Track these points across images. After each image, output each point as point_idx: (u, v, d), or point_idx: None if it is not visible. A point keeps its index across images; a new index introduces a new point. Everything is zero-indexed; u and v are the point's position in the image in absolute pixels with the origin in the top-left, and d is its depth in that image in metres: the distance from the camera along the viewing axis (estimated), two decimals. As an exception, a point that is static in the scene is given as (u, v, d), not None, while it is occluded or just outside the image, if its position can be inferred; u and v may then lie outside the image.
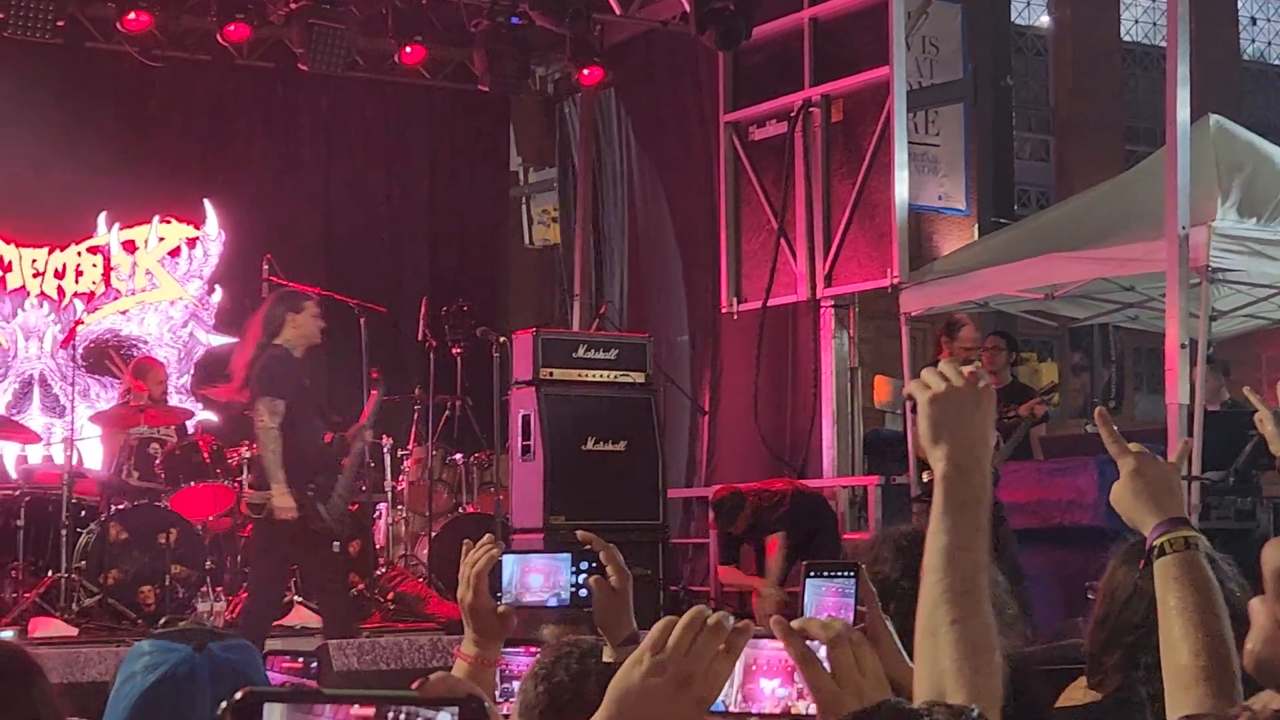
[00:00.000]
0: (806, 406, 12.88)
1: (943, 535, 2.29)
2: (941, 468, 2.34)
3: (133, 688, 2.44)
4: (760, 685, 2.12)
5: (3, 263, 13.45)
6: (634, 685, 1.98)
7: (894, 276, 12.11)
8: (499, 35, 13.24)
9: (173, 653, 2.45)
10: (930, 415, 2.37)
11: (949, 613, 2.24)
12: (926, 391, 2.40)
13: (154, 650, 2.47)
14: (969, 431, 2.36)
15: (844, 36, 12.79)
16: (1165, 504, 2.60)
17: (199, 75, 13.99)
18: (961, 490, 2.32)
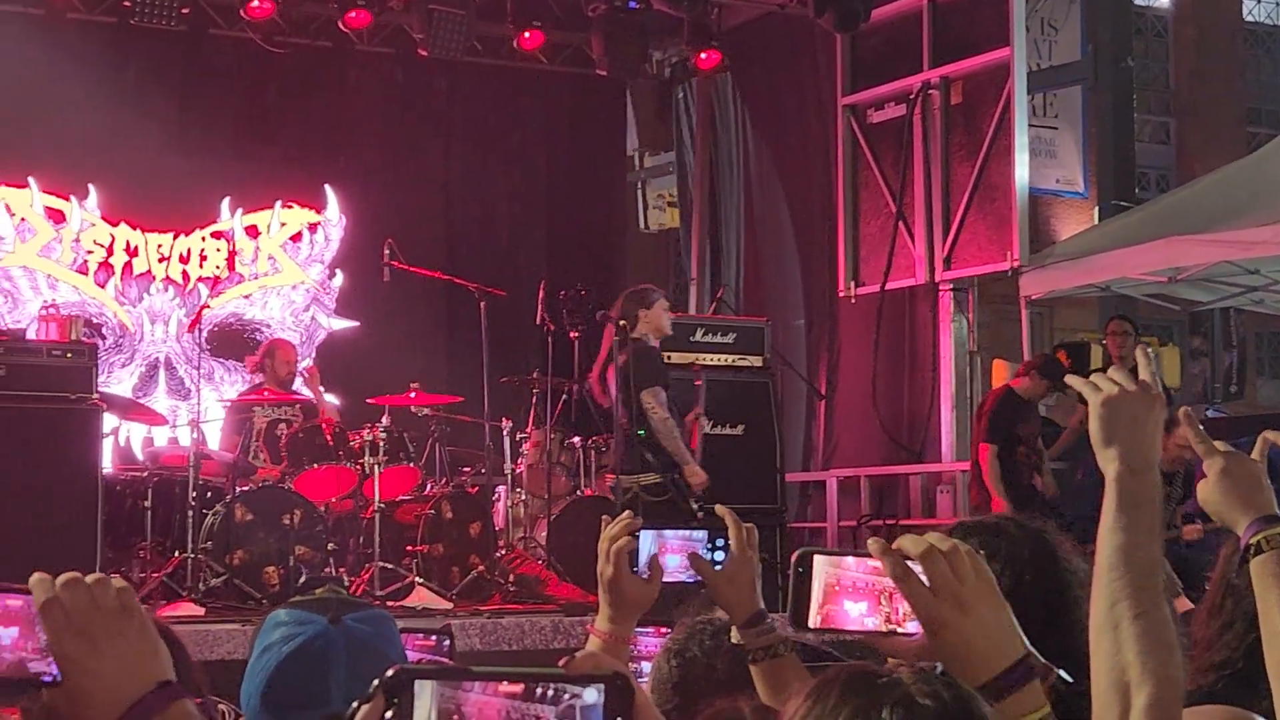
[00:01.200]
0: (925, 391, 12.83)
1: (1120, 533, 2.34)
2: (1114, 468, 2.39)
3: (269, 659, 2.47)
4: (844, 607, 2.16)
5: (129, 248, 13.65)
6: None
7: (1014, 260, 12.03)
8: (617, 19, 13.28)
9: (308, 624, 2.47)
10: (1102, 417, 2.43)
11: (1131, 608, 2.27)
12: (1098, 394, 2.45)
13: (290, 620, 2.50)
14: (1141, 434, 2.42)
15: (963, 18, 12.71)
16: (1256, 502, 2.61)
17: (320, 62, 14.11)
18: (1136, 490, 2.37)
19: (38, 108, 12.97)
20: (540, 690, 1.54)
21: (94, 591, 1.95)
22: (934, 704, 1.81)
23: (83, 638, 1.92)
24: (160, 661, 1.97)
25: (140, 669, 1.94)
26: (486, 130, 15.30)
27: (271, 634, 2.49)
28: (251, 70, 13.97)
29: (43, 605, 1.92)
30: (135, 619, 1.97)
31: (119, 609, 1.96)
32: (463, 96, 15.03)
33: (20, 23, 12.75)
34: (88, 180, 13.43)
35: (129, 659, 1.94)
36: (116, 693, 1.92)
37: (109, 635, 1.93)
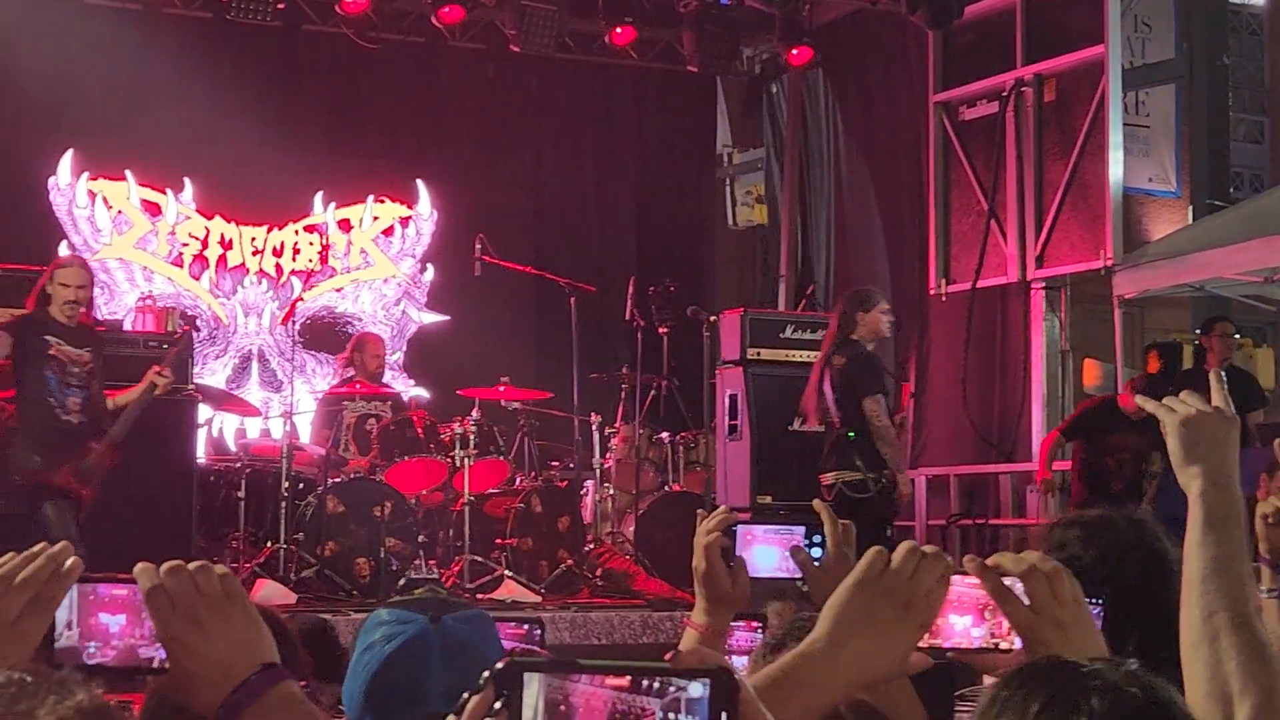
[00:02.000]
0: (1016, 389, 12.75)
1: (1210, 547, 2.37)
2: (1198, 485, 2.44)
3: (370, 658, 2.50)
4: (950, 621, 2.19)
5: (224, 241, 13.79)
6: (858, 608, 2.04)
7: (1107, 259, 11.94)
8: (708, 15, 13.28)
9: (408, 624, 2.50)
10: (1181, 437, 2.47)
11: (1230, 619, 2.30)
12: (1174, 415, 2.49)
13: (391, 619, 2.52)
14: (1220, 451, 2.46)
15: (1057, 14, 12.63)
16: None
17: (412, 57, 14.19)
18: (1221, 506, 2.41)
19: (135, 102, 13.13)
20: (646, 683, 1.55)
21: (197, 578, 1.98)
22: (1141, 693, 1.79)
23: (188, 623, 1.96)
24: (264, 644, 2.01)
25: (245, 651, 1.98)
26: (577, 126, 15.35)
27: (373, 633, 2.51)
28: (345, 65, 14.06)
29: (148, 593, 1.96)
30: (239, 603, 2.00)
31: (222, 594, 1.99)
32: (553, 92, 15.08)
33: (118, 17, 12.90)
34: (183, 174, 13.59)
35: (234, 642, 1.98)
36: (223, 675, 1.96)
37: (214, 620, 1.97)
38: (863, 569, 2.07)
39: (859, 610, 2.04)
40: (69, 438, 8.89)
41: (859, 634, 2.03)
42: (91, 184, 13.33)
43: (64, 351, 8.88)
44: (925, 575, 2.07)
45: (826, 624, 2.05)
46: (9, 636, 1.92)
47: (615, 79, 15.23)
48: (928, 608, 2.07)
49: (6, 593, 1.93)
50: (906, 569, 2.06)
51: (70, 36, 12.65)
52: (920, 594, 2.06)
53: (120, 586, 2.00)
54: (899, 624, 2.05)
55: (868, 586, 2.05)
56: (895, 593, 2.05)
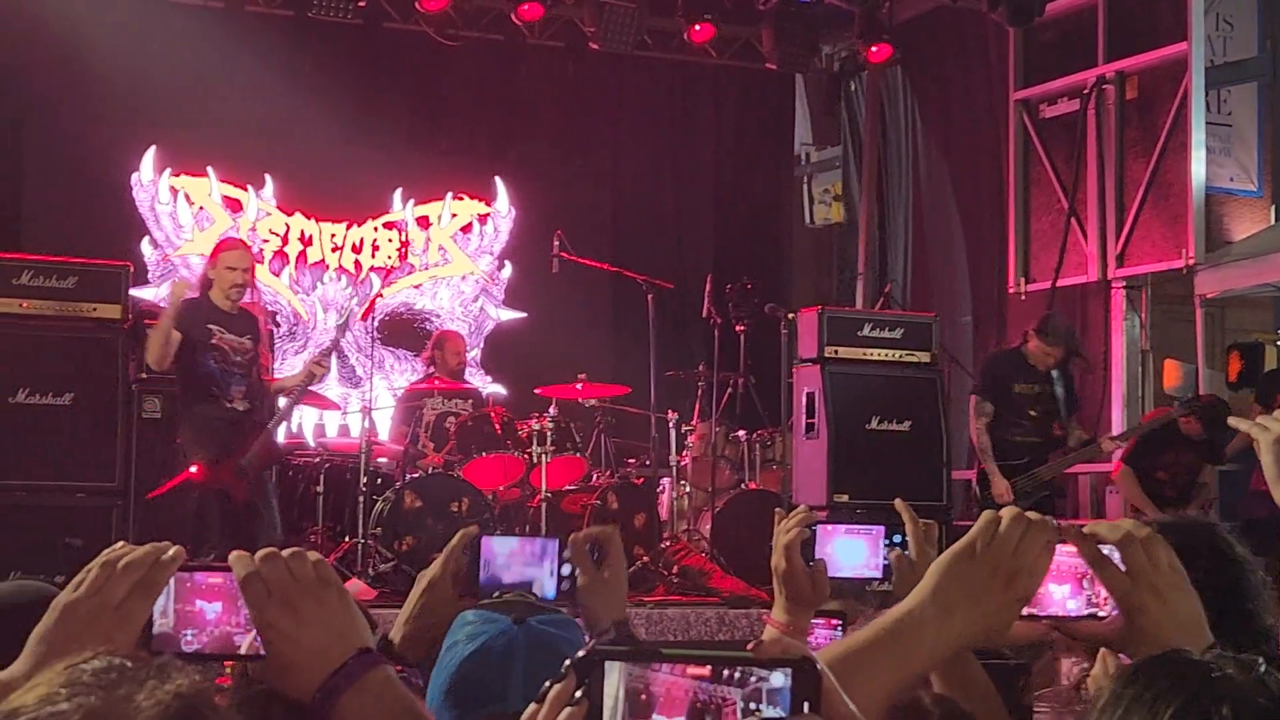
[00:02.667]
0: (1095, 390, 12.66)
1: None
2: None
3: (453, 656, 2.51)
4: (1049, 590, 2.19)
5: (303, 237, 13.89)
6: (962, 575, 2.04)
7: (1189, 258, 11.84)
8: (787, 13, 13.26)
9: (493, 623, 2.51)
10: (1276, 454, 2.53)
11: None
12: (1269, 434, 2.54)
13: (476, 620, 2.53)
14: None
15: (1140, 11, 12.54)
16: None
17: (492, 55, 14.22)
18: None
19: (217, 99, 13.23)
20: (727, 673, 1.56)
21: (291, 564, 2.00)
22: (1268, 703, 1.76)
23: (284, 609, 1.98)
24: (360, 629, 2.03)
25: (342, 636, 2.00)
26: (655, 123, 15.36)
27: (457, 632, 2.54)
28: (425, 63, 14.13)
29: (244, 579, 1.98)
30: (333, 589, 2.02)
31: (317, 579, 2.01)
32: (632, 90, 15.10)
33: (201, 15, 13.01)
34: (264, 170, 13.70)
35: (330, 627, 1.99)
36: (320, 660, 1.98)
37: (310, 605, 1.99)
38: (972, 536, 2.07)
39: (963, 577, 2.04)
40: (233, 426, 9.02)
41: (962, 601, 2.03)
42: (173, 180, 13.46)
43: (226, 340, 9.01)
44: (1031, 544, 2.06)
45: (929, 589, 2.04)
46: (115, 620, 1.94)
47: (694, 76, 15.23)
48: (1031, 577, 2.07)
49: (112, 577, 1.96)
50: (1012, 538, 2.06)
51: (153, 34, 12.77)
52: (1025, 563, 2.06)
53: (216, 574, 2.02)
54: (1002, 593, 2.05)
55: (975, 554, 2.05)
56: (1000, 561, 2.05)
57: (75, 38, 12.42)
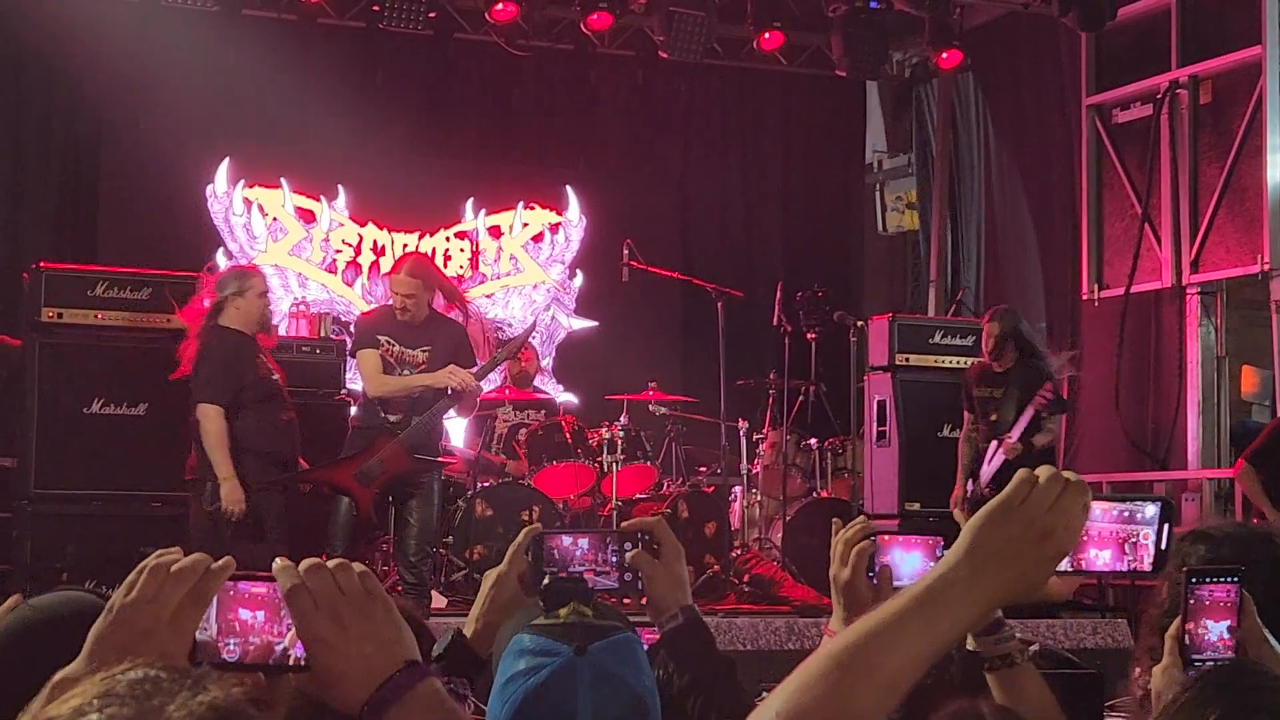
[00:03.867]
0: (1170, 397, 12.56)
1: None
2: None
3: (514, 692, 2.46)
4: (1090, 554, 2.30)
5: (376, 247, 13.96)
6: (998, 534, 2.02)
7: (1264, 263, 11.74)
8: (857, 20, 13.21)
9: (554, 655, 2.46)
10: None
11: None
12: None
13: (534, 648, 2.47)
14: None
15: (1213, 15, 12.42)
16: None
17: (562, 64, 14.27)
18: None
19: (289, 110, 13.32)
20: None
21: (338, 576, 2.00)
22: None
23: (331, 622, 1.98)
24: (406, 642, 2.03)
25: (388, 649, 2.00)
26: (725, 131, 15.36)
27: (516, 663, 2.45)
28: (495, 73, 14.19)
29: (289, 591, 1.98)
30: (380, 601, 2.02)
31: (363, 592, 2.01)
32: (702, 98, 15.11)
33: (274, 28, 13.11)
34: (337, 181, 13.79)
35: (376, 640, 1.99)
36: (366, 673, 1.97)
37: (356, 617, 1.99)
38: (1008, 495, 2.05)
39: (999, 536, 2.02)
40: (385, 435, 9.16)
41: (994, 559, 2.00)
42: (248, 192, 13.56)
43: (392, 351, 9.16)
44: (1068, 504, 2.05)
45: (964, 548, 2.02)
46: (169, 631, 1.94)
47: (764, 84, 15.22)
48: (1067, 535, 2.05)
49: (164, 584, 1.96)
50: (1049, 497, 2.04)
51: (227, 48, 12.87)
52: (1061, 523, 2.04)
53: (260, 584, 2.03)
54: (1037, 551, 2.03)
55: (1010, 513, 2.03)
56: (1036, 521, 2.03)
57: (148, 53, 12.52)
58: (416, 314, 9.12)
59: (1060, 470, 2.07)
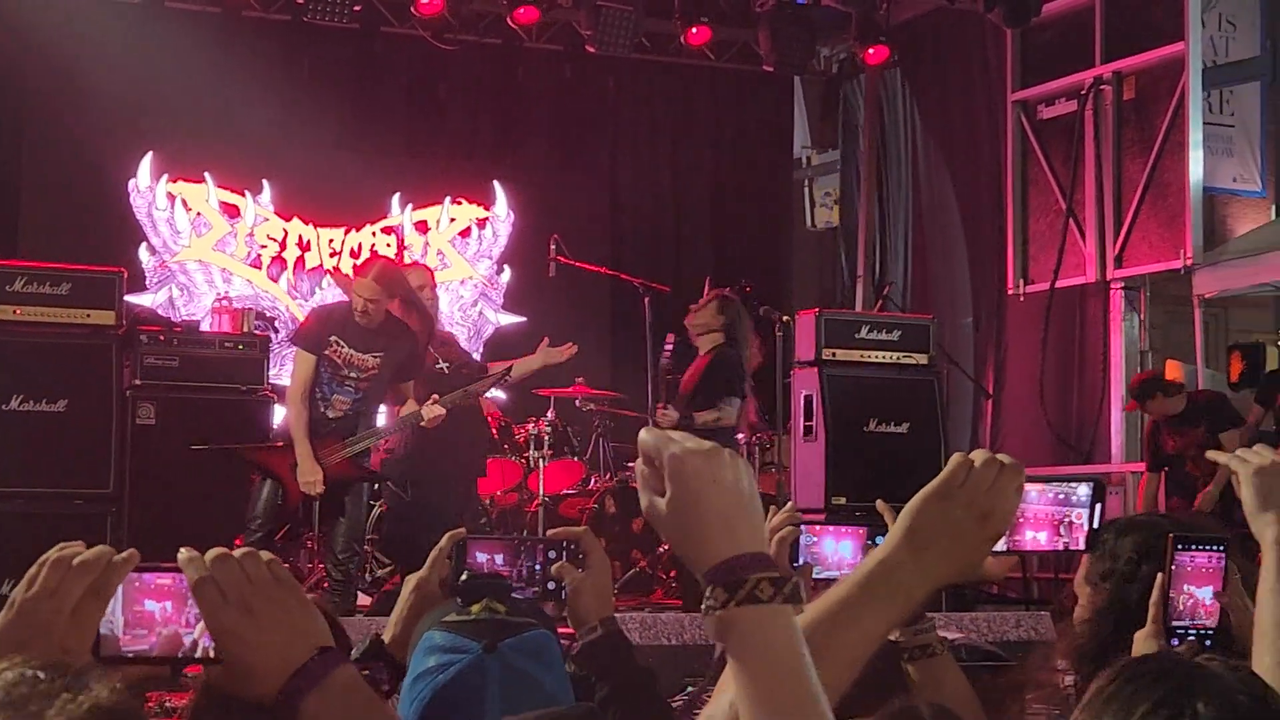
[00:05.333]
0: (1094, 390, 12.65)
1: None
2: (1273, 533, 2.50)
3: (424, 688, 2.44)
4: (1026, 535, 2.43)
5: (301, 242, 13.87)
6: (937, 516, 2.05)
7: (1187, 258, 11.83)
8: (784, 15, 13.24)
9: (464, 653, 2.43)
10: (1256, 486, 2.53)
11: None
12: (1248, 465, 2.55)
13: (445, 644, 2.45)
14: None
15: (1137, 12, 12.52)
16: None
17: (489, 58, 14.22)
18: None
19: (214, 105, 13.22)
20: None
21: (245, 565, 1.97)
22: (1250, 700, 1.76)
23: (240, 613, 1.95)
24: (319, 628, 2.00)
25: (300, 637, 1.97)
26: (653, 126, 15.34)
27: (426, 660, 2.46)
28: (422, 67, 14.13)
29: (195, 585, 1.95)
30: (289, 589, 1.99)
31: (271, 580, 1.98)
32: (630, 93, 15.09)
33: (198, 21, 13.00)
34: (262, 176, 13.68)
35: (288, 628, 1.96)
36: (279, 662, 1.95)
37: (266, 606, 1.96)
38: (945, 478, 2.08)
39: (939, 517, 2.05)
40: (319, 427, 9.08)
41: (936, 541, 2.04)
42: (171, 186, 13.44)
43: (340, 352, 9.08)
44: (1004, 486, 2.09)
45: (902, 532, 2.04)
46: (70, 625, 1.91)
47: (692, 79, 15.21)
48: (1004, 516, 2.09)
49: (65, 577, 1.92)
50: (987, 479, 2.08)
51: (150, 40, 12.75)
52: (999, 504, 2.08)
53: (165, 575, 1.99)
54: (976, 532, 2.06)
55: (951, 495, 2.06)
56: (976, 502, 2.06)
57: (72, 45, 12.41)
58: (374, 319, 9.06)
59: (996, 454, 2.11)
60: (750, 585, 1.70)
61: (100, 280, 9.72)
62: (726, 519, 1.74)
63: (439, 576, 3.13)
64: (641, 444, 1.80)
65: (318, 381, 9.09)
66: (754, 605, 1.70)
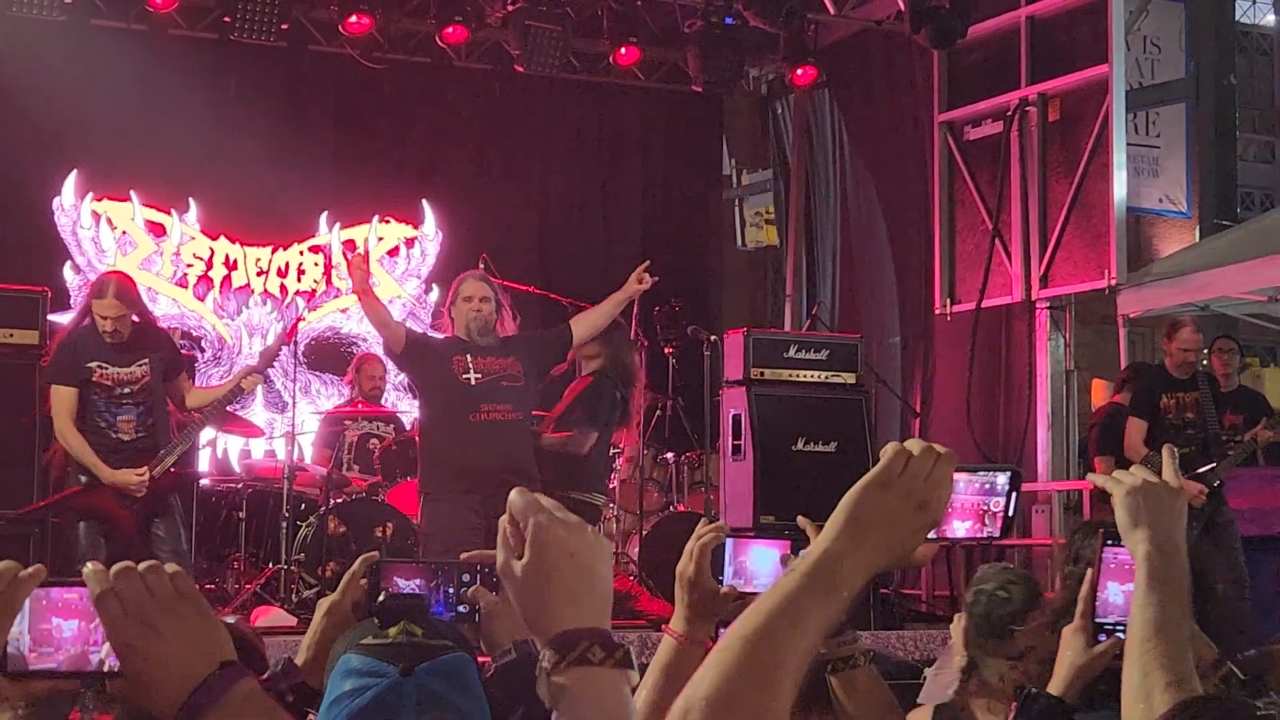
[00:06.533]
0: (1021, 409, 12.72)
1: (1150, 609, 2.50)
2: (1143, 550, 2.56)
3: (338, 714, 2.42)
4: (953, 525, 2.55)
5: (228, 261, 13.80)
6: (876, 505, 2.09)
7: (1111, 278, 11.93)
8: (712, 36, 13.28)
9: (380, 677, 2.41)
10: (1128, 507, 2.59)
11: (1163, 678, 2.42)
12: (1120, 486, 2.62)
13: (361, 668, 2.42)
14: (1166, 520, 2.58)
15: (1062, 34, 12.63)
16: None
17: (418, 77, 14.20)
18: (1164, 570, 2.53)
19: (140, 122, 13.12)
20: None
21: (148, 579, 1.95)
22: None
23: (141, 627, 1.93)
24: (221, 642, 1.98)
25: (202, 651, 1.96)
26: (583, 145, 15.35)
27: (343, 684, 2.42)
28: (350, 86, 14.08)
29: (98, 598, 1.93)
30: (191, 602, 1.98)
31: (174, 594, 1.96)
32: (559, 112, 15.09)
33: (124, 38, 12.92)
34: (188, 194, 13.60)
35: (189, 643, 1.95)
36: (180, 676, 1.93)
37: (167, 620, 1.94)
38: (883, 468, 2.12)
39: (879, 506, 2.09)
40: (115, 455, 8.78)
41: (875, 530, 2.07)
42: (96, 205, 13.34)
43: (107, 373, 8.79)
44: (940, 475, 2.13)
45: (840, 523, 2.08)
46: None
47: (621, 99, 15.24)
48: (940, 506, 2.13)
49: None
50: (924, 468, 2.12)
51: (75, 57, 12.66)
52: (935, 493, 2.12)
53: (72, 590, 1.98)
54: (914, 520, 2.11)
55: (889, 484, 2.10)
56: (914, 491, 2.10)
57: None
58: (123, 334, 8.81)
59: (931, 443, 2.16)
60: (582, 649, 1.81)
61: (23, 300, 9.64)
62: (575, 593, 1.86)
63: (351, 600, 3.12)
64: (510, 504, 1.89)
65: (95, 410, 8.78)
66: (584, 667, 1.81)
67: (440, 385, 9.04)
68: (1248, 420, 10.66)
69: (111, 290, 8.84)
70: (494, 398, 8.99)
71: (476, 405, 8.94)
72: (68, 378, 8.76)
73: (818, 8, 13.39)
